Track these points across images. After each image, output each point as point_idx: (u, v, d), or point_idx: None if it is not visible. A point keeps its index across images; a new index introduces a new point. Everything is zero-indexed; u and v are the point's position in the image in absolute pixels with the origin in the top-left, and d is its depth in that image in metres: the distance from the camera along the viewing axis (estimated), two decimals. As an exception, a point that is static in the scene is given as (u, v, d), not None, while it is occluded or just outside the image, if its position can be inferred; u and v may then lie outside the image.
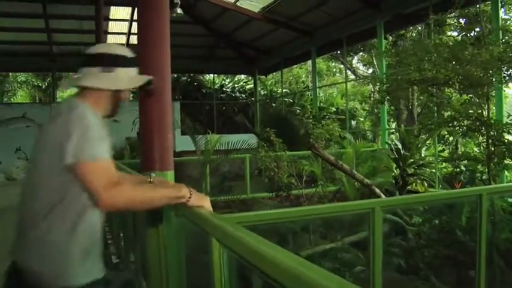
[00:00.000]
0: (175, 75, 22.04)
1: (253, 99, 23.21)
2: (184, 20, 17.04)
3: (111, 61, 2.24)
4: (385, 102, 11.28)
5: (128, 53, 2.33)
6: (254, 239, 1.49)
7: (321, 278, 1.07)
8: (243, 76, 25.08)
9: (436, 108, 10.38)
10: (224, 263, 1.79)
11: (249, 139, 13.03)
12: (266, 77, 24.62)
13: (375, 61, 21.34)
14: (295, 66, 24.70)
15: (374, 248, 3.54)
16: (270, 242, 1.42)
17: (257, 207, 8.53)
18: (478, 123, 6.67)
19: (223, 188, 11.35)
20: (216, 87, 23.74)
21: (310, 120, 13.98)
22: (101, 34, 13.88)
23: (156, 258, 3.04)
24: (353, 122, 21.31)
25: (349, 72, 23.13)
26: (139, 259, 4.36)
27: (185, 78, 23.71)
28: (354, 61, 25.15)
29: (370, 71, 23.94)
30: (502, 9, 14.11)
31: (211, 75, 23.73)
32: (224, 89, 23.92)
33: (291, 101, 21.84)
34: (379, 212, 3.55)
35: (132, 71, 2.33)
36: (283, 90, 22.83)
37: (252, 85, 23.61)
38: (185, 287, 2.87)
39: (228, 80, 25.17)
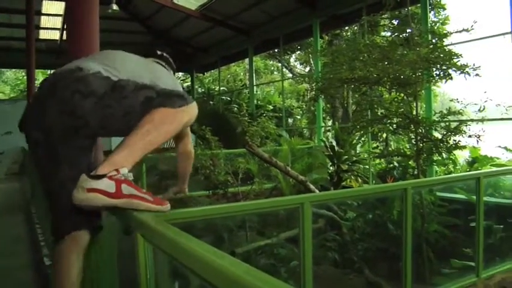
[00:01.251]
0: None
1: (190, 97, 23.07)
2: (120, 17, 16.76)
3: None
4: (320, 100, 11.51)
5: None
6: (174, 233, 1.50)
7: (231, 266, 1.12)
8: (180, 74, 24.89)
9: (368, 107, 10.69)
10: (148, 258, 1.80)
11: (186, 137, 12.91)
12: (204, 74, 24.57)
13: (311, 60, 21.66)
14: (233, 64, 24.75)
15: (304, 242, 3.62)
16: (206, 240, 1.44)
17: (192, 205, 8.49)
18: (407, 121, 6.91)
19: (160, 187, 11.21)
20: (152, 84, 23.40)
21: (246, 118, 14.03)
22: (32, 29, 13.41)
23: (87, 257, 2.98)
24: (290, 120, 21.56)
25: (286, 71, 23.38)
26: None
27: (120, 75, 23.25)
28: (292, 60, 25.41)
29: (307, 69, 24.26)
30: (432, 12, 14.72)
31: (148, 72, 23.39)
32: (161, 87, 23.63)
33: (229, 99, 21.88)
34: (309, 207, 3.63)
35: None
36: (221, 88, 22.84)
37: (190, 83, 23.48)
38: (117, 285, 2.84)
39: (165, 78, 24.88)
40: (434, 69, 6.70)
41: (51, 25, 18.01)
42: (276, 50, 21.32)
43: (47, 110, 2.04)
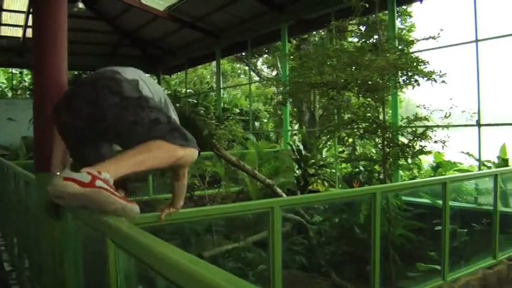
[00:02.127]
0: (76, 73, 21.12)
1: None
2: (86, 16, 16.44)
3: None
4: (288, 104, 11.53)
5: None
6: (147, 238, 1.46)
7: (211, 274, 1.09)
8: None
9: (336, 111, 10.73)
10: (120, 264, 1.74)
11: (153, 139, 12.77)
12: (170, 76, 24.35)
13: (279, 63, 21.72)
14: (200, 66, 24.63)
15: (274, 246, 3.61)
16: (173, 244, 1.40)
17: (159, 208, 8.38)
18: (374, 126, 6.97)
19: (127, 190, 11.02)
20: (119, 86, 23.00)
21: (213, 121, 13.97)
22: (-7, 25, 13.04)
23: (51, 262, 2.91)
24: (256, 123, 21.55)
25: (253, 74, 23.40)
26: (35, 264, 4.15)
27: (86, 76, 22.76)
28: (259, 63, 25.43)
29: (274, 73, 24.33)
30: (398, 19, 14.97)
31: (114, 73, 23.03)
32: (127, 88, 23.25)
33: (195, 101, 21.72)
34: (278, 211, 3.64)
35: None
36: (188, 91, 22.70)
37: (156, 84, 23.25)
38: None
39: (131, 79, 24.55)
40: (401, 75, 6.78)
41: (13, 22, 17.52)
42: (243, 53, 21.32)
43: (77, 97, 2.35)
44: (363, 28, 14.57)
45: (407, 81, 6.81)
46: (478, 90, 8.76)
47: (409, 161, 7.53)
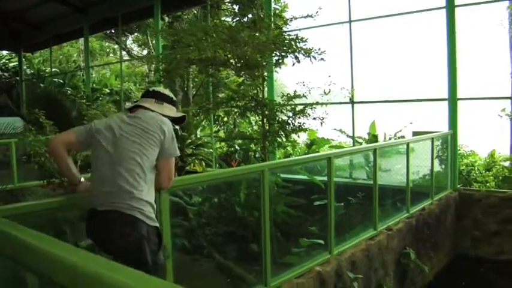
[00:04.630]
0: None
1: (18, 78, 21.24)
2: None
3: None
4: (162, 82, 11.22)
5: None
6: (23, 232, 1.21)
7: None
8: (5, 52, 22.79)
9: (211, 89, 10.63)
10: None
11: (15, 122, 11.85)
12: (33, 54, 22.68)
13: (150, 42, 21.15)
14: (66, 44, 23.27)
15: (163, 229, 3.45)
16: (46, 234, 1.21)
17: (27, 197, 7.76)
18: (254, 103, 6.94)
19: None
20: (-28, 63, 21.10)
21: (84, 101, 13.22)
22: None
23: None
24: (128, 103, 20.90)
25: (123, 53, 22.57)
26: None
27: None
28: (128, 41, 24.60)
29: (145, 52, 23.69)
30: (272, -1, 15.13)
31: (-34, 49, 21.07)
32: (-17, 66, 21.41)
33: (61, 81, 20.51)
34: (166, 193, 3.47)
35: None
36: (53, 70, 21.36)
37: (17, 63, 21.57)
38: None
39: (-13, 56, 22.64)
40: (281, 52, 6.80)
41: None
42: (112, 31, 20.46)
43: None
44: (236, 7, 14.61)
45: (286, 58, 6.85)
46: (351, 69, 9.12)
47: (284, 139, 7.61)
